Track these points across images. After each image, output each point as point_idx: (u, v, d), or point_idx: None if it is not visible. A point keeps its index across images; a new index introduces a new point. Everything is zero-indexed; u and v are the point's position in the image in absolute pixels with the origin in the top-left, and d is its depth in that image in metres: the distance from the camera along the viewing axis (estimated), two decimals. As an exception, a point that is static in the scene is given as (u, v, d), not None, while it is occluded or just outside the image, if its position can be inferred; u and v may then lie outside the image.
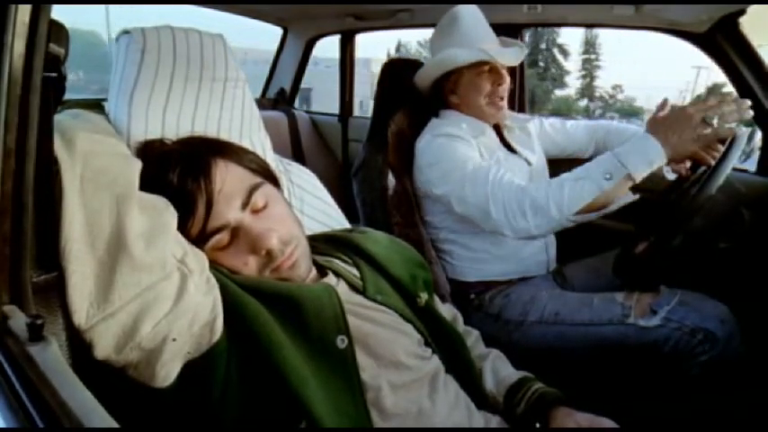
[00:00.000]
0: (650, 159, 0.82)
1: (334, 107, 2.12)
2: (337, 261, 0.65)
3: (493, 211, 0.93)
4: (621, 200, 0.87)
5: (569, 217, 0.87)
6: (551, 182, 0.90)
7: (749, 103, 0.81)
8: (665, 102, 0.89)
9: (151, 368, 0.43)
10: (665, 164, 0.85)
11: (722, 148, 0.83)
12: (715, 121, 0.78)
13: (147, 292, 0.43)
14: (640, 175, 0.83)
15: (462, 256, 1.14)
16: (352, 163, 1.25)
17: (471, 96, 1.11)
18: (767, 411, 0.79)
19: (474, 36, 1.09)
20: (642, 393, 0.86)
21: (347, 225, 0.87)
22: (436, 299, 0.76)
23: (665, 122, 0.84)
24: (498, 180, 0.94)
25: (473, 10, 1.12)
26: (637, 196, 0.87)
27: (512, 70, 1.16)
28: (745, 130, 0.82)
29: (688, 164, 1.00)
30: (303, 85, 2.21)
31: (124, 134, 0.60)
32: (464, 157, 1.01)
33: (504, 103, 1.13)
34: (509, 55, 1.10)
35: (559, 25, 1.44)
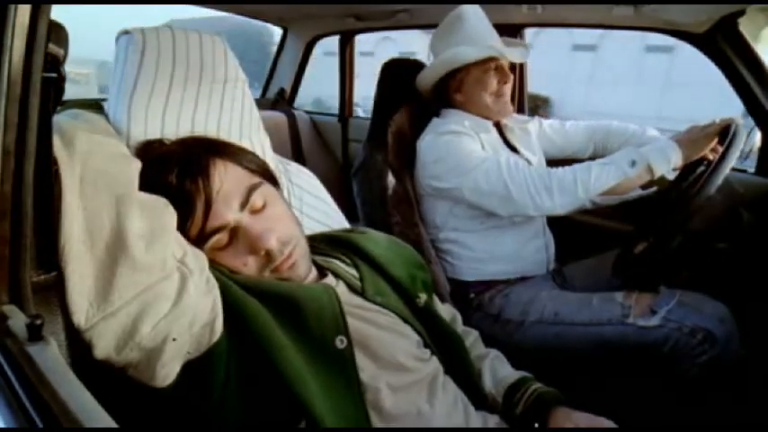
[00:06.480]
0: (668, 155, 0.93)
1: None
2: (336, 262, 0.65)
3: (514, 193, 0.97)
4: (638, 192, 0.97)
5: (593, 198, 0.94)
6: (577, 165, 0.98)
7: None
8: None
9: (151, 368, 0.43)
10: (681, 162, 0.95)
11: (721, 149, 0.84)
12: (717, 119, 0.94)
13: (147, 292, 0.43)
14: (658, 168, 0.93)
15: (462, 256, 1.13)
16: (352, 163, 1.24)
17: (477, 94, 1.12)
18: (766, 411, 0.79)
19: (479, 35, 1.10)
20: (641, 393, 0.86)
21: (347, 225, 0.87)
22: (435, 299, 0.76)
23: (680, 135, 0.99)
24: (513, 164, 0.99)
25: (477, 10, 1.13)
26: (653, 189, 0.97)
27: (512, 72, 1.16)
28: (743, 129, 0.83)
29: None
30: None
31: (124, 134, 0.60)
32: (471, 150, 1.04)
33: (509, 99, 1.14)
34: (516, 52, 1.12)
35: (559, 26, 1.44)
